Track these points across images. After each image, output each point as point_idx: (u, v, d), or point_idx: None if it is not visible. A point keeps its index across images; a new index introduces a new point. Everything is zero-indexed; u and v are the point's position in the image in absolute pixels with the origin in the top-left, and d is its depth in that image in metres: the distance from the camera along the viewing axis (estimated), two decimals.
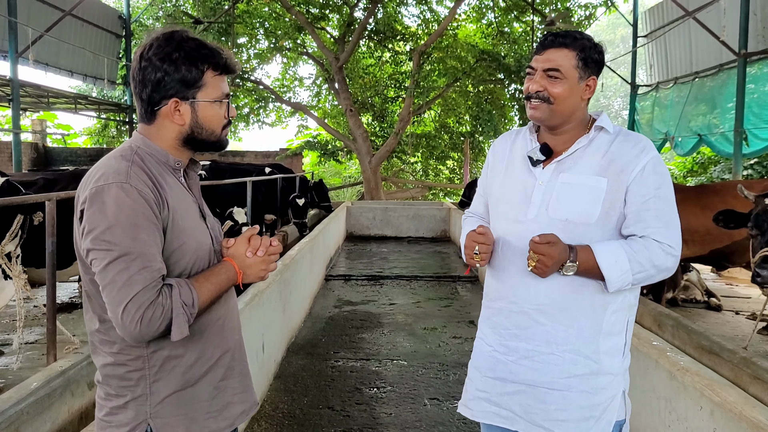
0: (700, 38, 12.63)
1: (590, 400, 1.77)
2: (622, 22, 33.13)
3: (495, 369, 1.88)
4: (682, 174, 18.01)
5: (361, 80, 19.88)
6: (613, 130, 1.85)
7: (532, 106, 1.83)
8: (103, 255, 1.38)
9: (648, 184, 1.74)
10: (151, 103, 1.53)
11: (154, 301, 1.37)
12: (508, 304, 1.85)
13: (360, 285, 8.11)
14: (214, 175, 8.76)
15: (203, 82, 1.54)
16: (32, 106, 16.10)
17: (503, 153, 2.01)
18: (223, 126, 1.62)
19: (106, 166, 1.47)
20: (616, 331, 1.81)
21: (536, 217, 1.81)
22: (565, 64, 1.79)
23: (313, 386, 4.44)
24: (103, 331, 1.51)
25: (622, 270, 1.70)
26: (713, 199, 5.58)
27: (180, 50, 1.50)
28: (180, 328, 1.41)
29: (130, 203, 1.39)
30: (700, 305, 6.98)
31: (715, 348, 3.45)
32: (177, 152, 1.59)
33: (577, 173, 1.80)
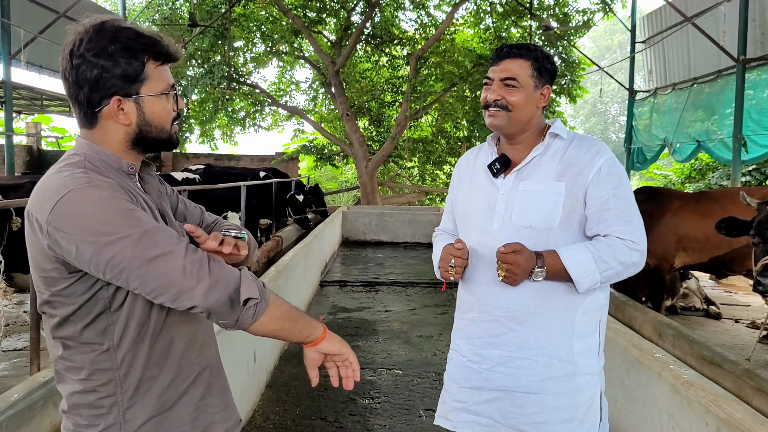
0: (698, 44, 12.58)
1: (569, 402, 1.82)
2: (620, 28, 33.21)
3: (470, 378, 1.92)
4: (680, 180, 17.97)
5: (357, 84, 19.81)
6: (567, 135, 1.92)
7: (490, 114, 1.90)
8: (117, 261, 1.20)
9: (605, 184, 1.81)
10: (90, 104, 1.35)
11: (208, 260, 1.25)
12: (480, 313, 1.90)
13: (355, 291, 8.02)
14: (208, 179, 8.65)
15: (145, 75, 1.37)
16: (26, 109, 15.98)
17: (467, 168, 2.07)
18: (173, 120, 1.46)
19: (58, 178, 1.27)
20: (589, 332, 1.87)
21: (501, 226, 1.86)
22: (521, 73, 1.87)
23: (306, 396, 4.35)
24: (67, 357, 1.36)
25: (588, 270, 1.76)
26: (712, 206, 5.51)
27: (115, 42, 1.33)
28: (249, 289, 1.27)
29: (108, 195, 1.24)
30: (699, 313, 6.90)
31: (717, 359, 3.35)
32: (127, 155, 1.41)
33: (536, 180, 1.86)
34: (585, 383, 1.85)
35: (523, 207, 1.84)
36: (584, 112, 48.54)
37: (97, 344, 1.35)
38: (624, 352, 3.29)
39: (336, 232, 12.03)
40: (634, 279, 5.83)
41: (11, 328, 6.09)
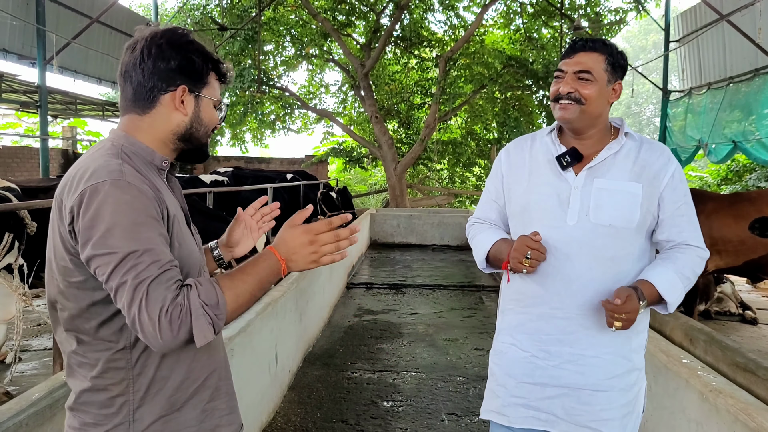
0: (734, 42, 12.28)
1: (627, 397, 1.85)
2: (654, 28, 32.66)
3: (533, 375, 1.89)
4: (716, 182, 17.56)
5: (386, 87, 19.78)
6: (637, 137, 1.93)
7: (562, 107, 1.87)
8: (107, 260, 1.23)
9: (679, 191, 1.85)
10: (154, 89, 1.41)
11: (173, 300, 1.22)
12: (551, 309, 1.86)
13: (382, 294, 7.98)
14: (236, 181, 8.72)
15: (208, 81, 1.48)
16: (61, 113, 16.32)
17: (521, 158, 2.00)
18: (212, 129, 1.54)
19: (93, 164, 1.32)
20: (642, 329, 1.90)
21: (578, 222, 1.84)
22: (596, 67, 1.85)
23: (328, 398, 4.32)
24: (80, 352, 1.37)
25: (678, 291, 1.80)
26: (747, 208, 5.35)
27: (192, 44, 1.45)
28: (203, 331, 1.24)
29: (129, 200, 1.26)
30: (734, 318, 6.72)
31: (750, 365, 3.23)
32: (165, 149, 1.47)
33: (612, 179, 1.85)
34: (636, 377, 1.89)
35: (600, 205, 1.82)
36: (618, 113, 47.85)
37: (113, 342, 1.35)
38: (652, 357, 3.19)
39: (364, 234, 12.02)
40: None
41: (43, 327, 6.20)
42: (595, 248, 1.81)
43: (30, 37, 11.50)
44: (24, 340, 5.76)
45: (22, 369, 4.97)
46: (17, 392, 4.17)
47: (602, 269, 1.81)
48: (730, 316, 6.75)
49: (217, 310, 1.26)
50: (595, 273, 1.81)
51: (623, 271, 1.83)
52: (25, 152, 14.84)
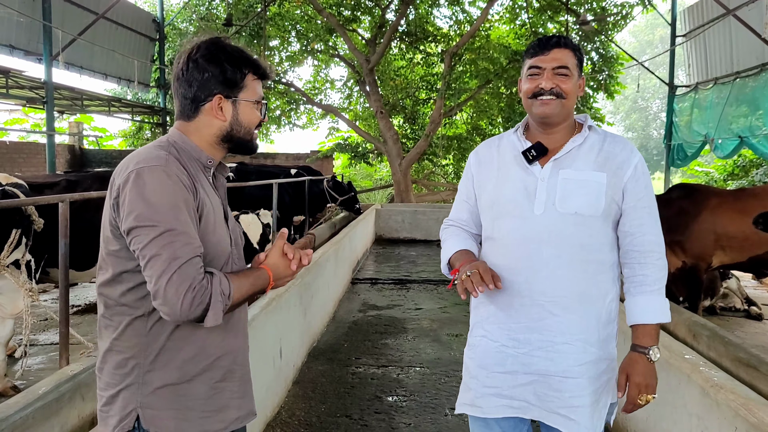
0: (741, 37, 12.22)
1: (595, 385, 1.89)
2: (661, 23, 32.50)
3: (505, 363, 1.93)
4: (722, 177, 17.49)
5: (392, 82, 19.74)
6: (601, 131, 2.00)
7: (543, 102, 1.92)
8: (147, 231, 1.42)
9: (641, 182, 1.92)
10: (195, 100, 1.61)
11: (200, 281, 1.42)
12: (521, 298, 1.90)
13: (386, 289, 8.01)
14: (240, 176, 8.74)
15: (244, 84, 1.64)
16: (68, 109, 16.38)
17: (490, 157, 2.08)
18: (257, 126, 1.70)
19: (144, 153, 1.53)
20: (612, 319, 1.94)
21: (545, 212, 1.89)
22: (570, 62, 1.92)
23: (332, 393, 4.35)
24: (108, 315, 1.56)
25: (665, 306, 1.90)
26: (752, 203, 5.33)
27: (225, 53, 1.61)
28: (216, 315, 1.44)
29: (171, 185, 1.46)
30: (739, 314, 6.71)
31: (753, 361, 3.23)
32: (212, 150, 1.66)
33: (577, 169, 1.91)
34: (606, 367, 1.92)
35: (566, 194, 1.88)
36: (624, 108, 47.67)
37: (134, 308, 1.53)
38: None
39: (369, 229, 12.04)
40: (672, 279, 5.71)
41: (50, 322, 6.25)
42: (563, 236, 1.86)
43: (36, 33, 11.54)
44: (31, 335, 5.81)
45: (29, 363, 5.02)
46: (24, 386, 4.21)
47: (570, 256, 1.86)
48: (735, 311, 6.74)
49: (228, 301, 1.47)
50: (563, 260, 1.86)
51: (591, 259, 1.89)
52: (32, 148, 14.91)
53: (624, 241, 1.94)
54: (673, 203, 5.66)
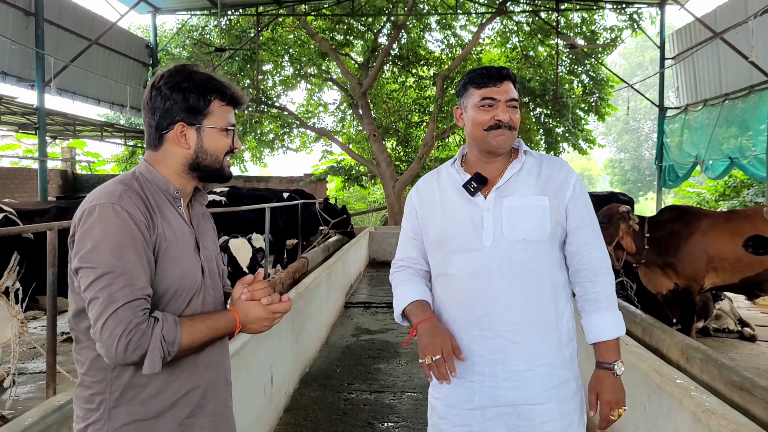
0: (729, 59, 12.37)
1: (567, 407, 1.88)
2: (650, 45, 32.91)
3: (473, 400, 1.90)
4: (713, 198, 17.58)
5: (384, 105, 19.86)
6: (536, 154, 2.03)
7: (501, 134, 1.92)
8: (88, 273, 1.41)
9: (581, 201, 1.95)
10: (158, 128, 1.59)
11: (138, 324, 1.38)
12: (482, 331, 1.89)
13: (380, 312, 7.97)
14: (233, 200, 8.73)
15: (210, 111, 1.61)
16: (60, 134, 16.37)
17: (432, 193, 2.06)
18: (225, 153, 1.67)
19: (102, 189, 1.52)
20: (570, 338, 1.96)
21: (494, 242, 1.89)
22: (515, 94, 1.95)
23: (324, 420, 4.30)
24: (77, 350, 1.55)
25: (620, 320, 1.94)
26: (743, 225, 5.35)
27: (189, 81, 1.58)
28: (152, 363, 1.40)
29: (118, 223, 1.43)
30: (733, 335, 6.70)
31: (746, 384, 3.22)
32: (180, 180, 1.63)
33: (519, 196, 1.92)
34: (577, 387, 1.94)
35: (513, 222, 1.88)
36: (616, 129, 48.01)
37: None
38: (646, 377, 3.19)
39: (362, 252, 12.01)
40: (664, 301, 5.70)
41: (39, 350, 6.17)
42: (515, 263, 1.87)
43: (29, 59, 11.57)
44: (20, 363, 5.74)
45: (17, 392, 4.95)
46: (12, 416, 4.15)
47: (523, 283, 1.87)
48: (728, 333, 6.73)
49: (172, 348, 1.43)
50: (517, 287, 1.87)
51: (545, 283, 1.90)
52: (24, 173, 14.88)
53: (572, 260, 1.96)
54: (665, 225, 5.68)
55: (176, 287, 1.54)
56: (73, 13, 13.35)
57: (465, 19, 18.52)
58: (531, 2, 16.68)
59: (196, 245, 1.64)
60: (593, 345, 1.94)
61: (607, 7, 16.25)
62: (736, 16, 11.45)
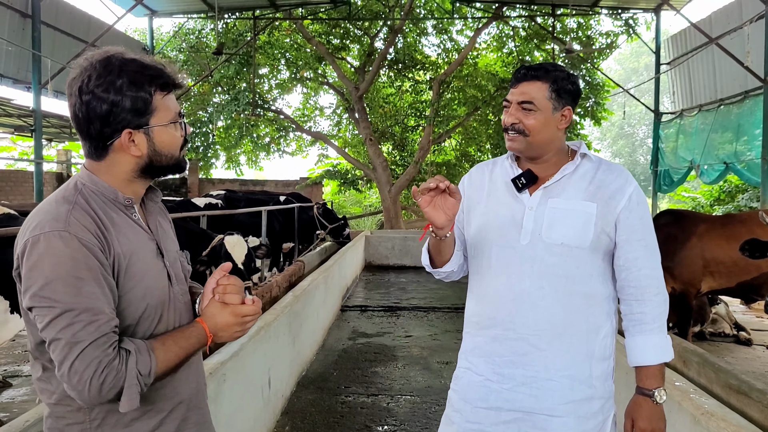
0: (724, 65, 12.44)
1: (586, 426, 1.80)
2: (646, 50, 33.03)
3: (488, 399, 1.85)
4: (708, 203, 17.64)
5: (381, 109, 19.90)
6: (595, 158, 1.92)
7: (509, 138, 1.88)
8: (45, 312, 1.25)
9: (635, 213, 1.84)
10: (101, 138, 1.39)
11: (108, 363, 1.25)
12: (504, 331, 1.83)
13: (376, 316, 7.96)
14: (229, 204, 8.73)
15: (154, 106, 1.41)
16: (56, 137, 16.35)
17: (481, 182, 2.01)
18: (181, 146, 1.50)
19: (42, 212, 1.33)
20: (607, 356, 1.85)
21: (530, 242, 1.82)
22: (538, 96, 1.83)
23: (322, 423, 4.29)
24: (44, 379, 1.38)
25: (667, 344, 1.84)
26: (739, 229, 5.38)
27: (122, 76, 1.37)
28: (130, 400, 1.28)
29: (70, 253, 1.26)
30: (729, 339, 6.72)
31: (744, 387, 3.23)
32: (130, 185, 1.46)
33: (566, 198, 1.84)
34: (600, 407, 1.83)
35: (553, 224, 1.81)
36: (611, 134, 48.17)
37: None
38: None
39: (358, 256, 12.00)
40: None
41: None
42: (547, 266, 1.80)
43: (25, 61, 11.56)
44: (15, 366, 5.72)
45: (12, 395, 4.93)
46: (7, 419, 4.12)
47: (554, 288, 1.79)
48: (724, 337, 6.74)
49: (148, 380, 1.32)
50: (546, 291, 1.79)
51: (578, 291, 1.81)
52: (19, 176, 14.84)
53: (619, 275, 1.87)
54: (662, 229, 5.69)
55: (144, 306, 1.41)
56: (69, 15, 13.35)
57: (461, 23, 18.61)
58: (527, 7, 16.73)
59: (158, 251, 1.49)
60: (635, 368, 1.86)
61: (603, 13, 16.33)
62: (731, 22, 11.52)
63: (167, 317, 1.47)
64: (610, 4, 15.60)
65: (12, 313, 4.30)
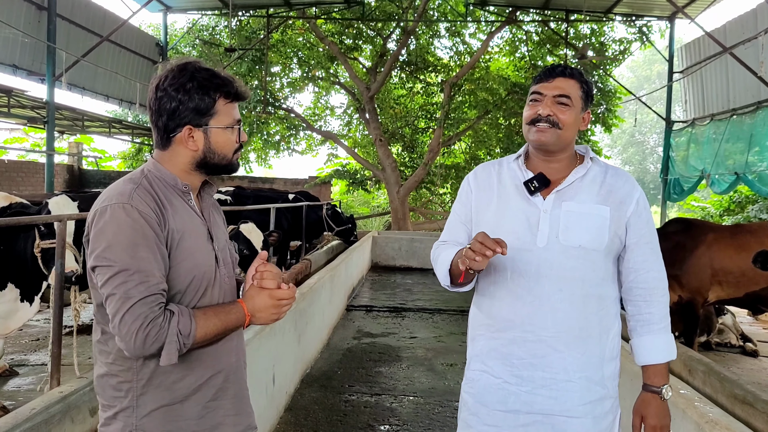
0: (737, 74, 12.38)
1: (601, 425, 1.84)
2: (658, 58, 32.91)
3: (507, 402, 1.86)
4: (718, 213, 17.54)
5: (391, 110, 19.91)
6: (602, 163, 1.98)
7: (539, 130, 1.88)
8: (104, 271, 1.45)
9: (643, 217, 1.90)
10: (166, 130, 1.60)
11: (154, 319, 1.42)
12: (523, 333, 1.85)
13: (381, 316, 7.96)
14: (237, 200, 8.75)
15: (215, 110, 1.61)
16: (68, 129, 16.44)
17: (489, 182, 2.01)
18: (235, 150, 1.68)
19: (112, 189, 1.56)
20: (615, 356, 1.90)
21: (548, 244, 1.84)
22: (573, 93, 1.89)
23: (325, 421, 4.30)
24: (103, 341, 1.58)
25: (672, 343, 1.90)
26: (748, 239, 5.35)
27: (193, 80, 1.58)
28: (169, 355, 1.45)
29: (130, 222, 1.47)
30: (735, 350, 6.68)
31: (749, 398, 3.22)
32: (188, 176, 1.66)
33: (580, 202, 1.87)
34: (611, 406, 1.88)
35: (569, 227, 1.84)
36: (621, 141, 48.00)
37: None
38: None
39: (365, 256, 12.01)
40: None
41: (42, 342, 6.20)
42: (565, 269, 1.82)
43: (40, 54, 11.63)
44: (22, 355, 5.76)
45: (19, 383, 4.96)
46: (13, 407, 4.16)
47: (572, 290, 1.82)
48: (730, 347, 6.71)
49: (187, 340, 1.48)
50: (565, 294, 1.82)
51: (593, 294, 1.84)
52: (31, 167, 14.93)
53: (627, 277, 1.90)
54: (670, 237, 5.68)
55: (191, 278, 1.58)
56: (85, 8, 13.44)
57: (474, 27, 18.58)
58: (541, 12, 16.71)
59: (209, 236, 1.67)
60: (642, 367, 1.90)
61: (617, 19, 16.28)
62: (746, 32, 11.47)
63: (211, 293, 1.63)
64: (624, 11, 15.56)
65: (22, 301, 4.34)
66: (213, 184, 1.80)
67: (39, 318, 7.10)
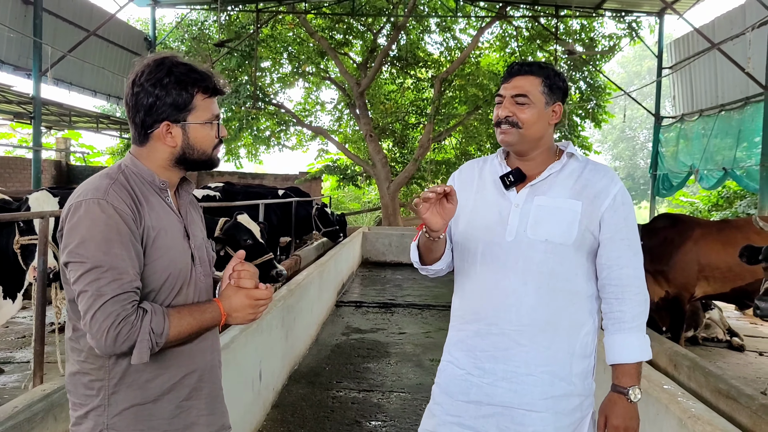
0: (725, 70, 12.43)
1: (563, 421, 1.81)
2: (649, 54, 33.03)
3: (469, 393, 1.87)
4: (706, 208, 17.67)
5: (382, 106, 19.88)
6: (582, 158, 1.96)
7: (502, 131, 1.90)
8: (77, 267, 1.44)
9: (620, 213, 1.87)
10: (144, 126, 1.59)
11: (126, 317, 1.41)
12: (487, 325, 1.86)
13: (371, 312, 7.97)
14: (227, 196, 8.71)
15: (193, 105, 1.59)
16: (56, 125, 16.31)
17: (471, 179, 2.03)
18: (214, 146, 1.67)
19: (88, 183, 1.54)
20: (587, 354, 1.87)
21: (515, 238, 1.85)
22: (532, 90, 1.87)
23: (312, 417, 4.29)
24: (74, 338, 1.56)
25: (645, 344, 1.85)
26: (735, 234, 5.38)
27: (170, 75, 1.56)
28: (140, 354, 1.43)
29: (105, 218, 1.45)
30: (722, 345, 6.72)
31: (732, 392, 3.23)
32: (167, 172, 1.64)
33: (552, 196, 1.87)
34: (578, 404, 1.85)
35: (538, 221, 1.84)
36: (612, 137, 48.17)
37: None
38: None
39: (355, 252, 12.01)
40: (654, 308, 5.72)
41: (28, 339, 6.15)
42: (532, 263, 1.82)
43: (26, 48, 11.52)
44: (8, 352, 5.72)
45: (4, 381, 4.93)
46: None
47: (538, 284, 1.81)
48: (717, 342, 6.75)
49: (159, 339, 1.46)
50: (530, 287, 1.82)
51: (561, 288, 1.83)
52: (18, 163, 14.81)
53: (601, 273, 1.88)
54: (658, 233, 5.70)
55: (166, 276, 1.56)
56: (72, 3, 13.29)
57: (465, 22, 18.57)
58: (531, 8, 16.72)
59: (186, 233, 1.66)
60: (611, 366, 1.88)
61: (607, 15, 16.31)
62: (734, 28, 11.51)
63: (187, 292, 1.61)
64: (613, 7, 15.59)
65: (5, 298, 4.30)
66: (190, 182, 1.78)
67: (25, 315, 7.05)
